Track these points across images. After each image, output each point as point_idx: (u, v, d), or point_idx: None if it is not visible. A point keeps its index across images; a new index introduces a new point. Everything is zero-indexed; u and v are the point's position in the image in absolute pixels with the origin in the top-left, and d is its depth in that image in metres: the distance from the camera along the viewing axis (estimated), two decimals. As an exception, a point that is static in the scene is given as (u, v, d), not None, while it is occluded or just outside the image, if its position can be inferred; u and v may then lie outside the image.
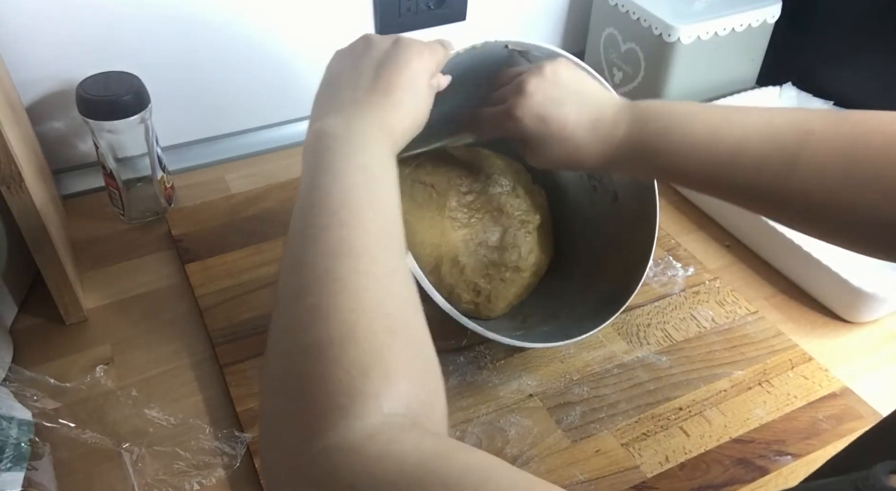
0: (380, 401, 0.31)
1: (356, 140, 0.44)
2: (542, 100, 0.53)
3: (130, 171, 0.75)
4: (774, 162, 0.47)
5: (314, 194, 0.40)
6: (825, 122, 0.46)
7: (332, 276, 0.36)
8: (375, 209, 0.40)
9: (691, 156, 0.50)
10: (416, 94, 0.48)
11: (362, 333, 0.33)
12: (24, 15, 0.72)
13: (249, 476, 0.56)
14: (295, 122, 0.93)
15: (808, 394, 0.64)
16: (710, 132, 0.49)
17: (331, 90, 0.49)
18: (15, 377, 0.60)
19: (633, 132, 0.52)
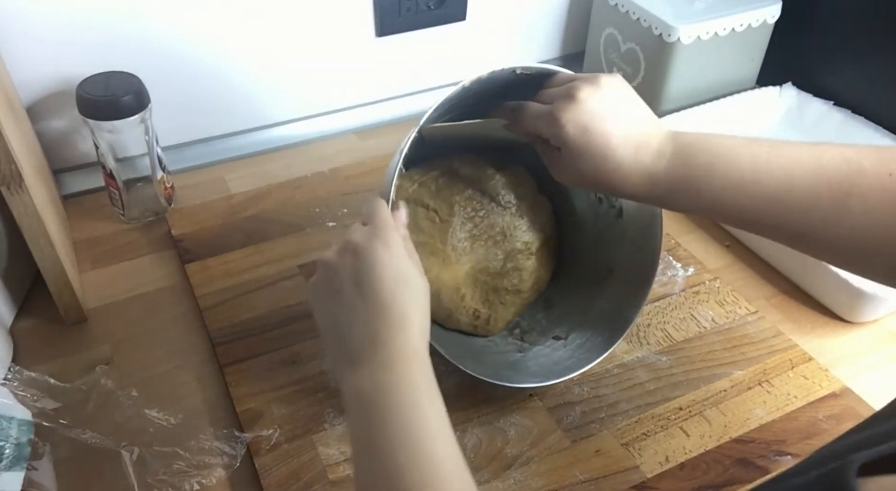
0: None
1: (392, 392, 0.42)
2: (590, 109, 0.50)
3: (130, 171, 0.76)
4: (825, 200, 0.45)
5: (373, 457, 0.40)
6: (875, 159, 0.45)
7: None
8: (436, 439, 0.41)
9: (737, 193, 0.48)
10: (409, 282, 0.46)
11: None
12: (24, 15, 0.72)
13: (249, 476, 0.56)
14: (295, 122, 0.93)
15: (808, 394, 0.64)
16: (758, 168, 0.47)
17: (334, 336, 0.46)
18: (15, 377, 0.60)
19: (677, 165, 0.50)
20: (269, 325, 0.67)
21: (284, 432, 0.58)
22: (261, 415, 0.60)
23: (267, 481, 0.55)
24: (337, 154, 0.90)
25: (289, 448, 0.57)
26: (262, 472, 0.56)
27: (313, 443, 0.58)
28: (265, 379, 0.62)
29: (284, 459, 0.57)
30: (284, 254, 0.75)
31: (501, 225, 0.65)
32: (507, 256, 0.65)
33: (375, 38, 0.91)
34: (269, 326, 0.67)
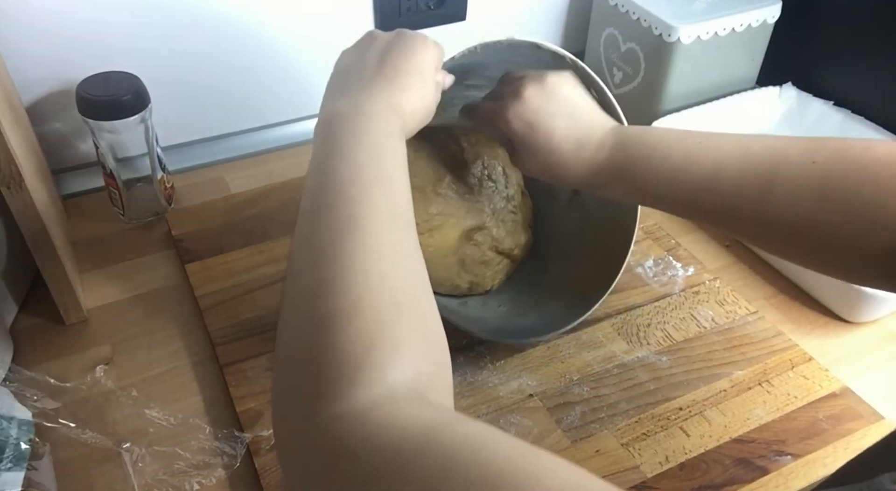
0: (384, 372, 0.32)
1: (364, 120, 0.45)
2: (535, 108, 0.54)
3: (130, 171, 0.75)
4: (750, 188, 0.48)
5: (323, 174, 0.41)
6: (801, 149, 0.47)
7: (339, 251, 0.37)
8: (384, 186, 0.41)
9: (669, 181, 0.51)
10: (423, 81, 0.49)
11: (368, 306, 0.34)
12: (24, 15, 0.72)
13: (249, 476, 0.56)
14: (295, 122, 0.93)
15: (808, 394, 0.64)
16: (688, 157, 0.50)
17: (338, 80, 0.50)
18: (15, 377, 0.60)
19: (615, 157, 0.53)
20: (269, 325, 0.67)
21: (284, 432, 0.58)
22: (261, 415, 0.59)
23: (267, 481, 0.55)
24: (337, 154, 0.90)
25: (289, 448, 0.57)
26: (262, 472, 0.56)
27: (313, 443, 0.58)
28: (265, 379, 0.62)
29: (284, 459, 0.57)
30: (284, 254, 0.75)
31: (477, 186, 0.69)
32: (493, 213, 0.68)
33: (375, 38, 0.91)
34: (269, 326, 0.67)
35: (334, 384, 0.32)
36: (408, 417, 0.30)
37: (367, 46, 0.51)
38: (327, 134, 0.44)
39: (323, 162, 0.42)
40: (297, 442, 0.32)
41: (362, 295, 0.35)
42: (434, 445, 0.28)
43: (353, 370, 0.32)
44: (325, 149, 0.43)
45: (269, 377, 0.62)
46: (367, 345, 0.33)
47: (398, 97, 0.47)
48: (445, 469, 0.27)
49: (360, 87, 0.48)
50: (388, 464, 0.28)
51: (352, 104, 0.46)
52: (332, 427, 0.31)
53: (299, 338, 0.35)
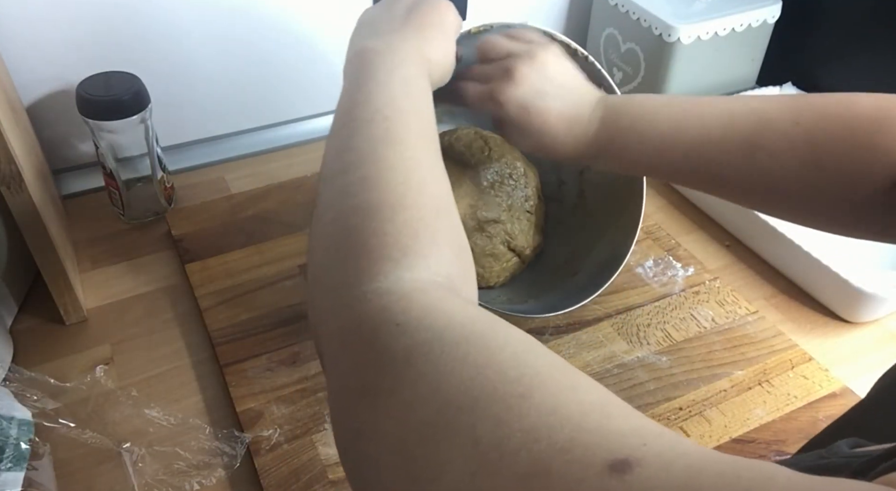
0: (428, 261, 0.34)
1: (397, 56, 0.46)
2: (528, 89, 0.54)
3: (130, 171, 0.75)
4: (737, 150, 0.49)
5: (357, 96, 0.42)
6: (783, 107, 0.48)
7: (379, 156, 0.38)
8: (418, 114, 0.42)
9: (657, 149, 0.52)
10: (446, 37, 0.51)
11: (411, 203, 0.36)
12: (24, 15, 0.72)
13: (249, 476, 0.56)
14: (295, 123, 0.93)
15: (808, 394, 0.64)
16: (673, 125, 0.51)
17: (366, 27, 0.51)
18: (15, 377, 0.60)
19: (604, 129, 0.54)
20: (269, 325, 0.67)
21: (284, 432, 0.58)
22: (261, 415, 0.60)
23: (267, 481, 0.55)
24: (337, 154, 0.90)
25: (289, 448, 0.57)
26: (262, 472, 0.56)
27: (313, 443, 0.58)
28: (265, 379, 0.62)
29: (284, 459, 0.57)
30: (284, 254, 0.75)
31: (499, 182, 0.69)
32: (509, 209, 0.69)
33: (375, 38, 0.91)
34: (269, 325, 0.67)
35: (380, 263, 0.33)
36: (454, 306, 0.31)
37: (393, 2, 0.52)
38: (360, 65, 0.45)
39: (357, 86, 0.43)
40: (337, 311, 0.33)
41: (406, 193, 0.36)
42: (478, 337, 0.29)
43: (399, 253, 0.33)
44: (359, 76, 0.44)
45: (269, 377, 0.62)
46: (412, 234, 0.34)
47: (426, 46, 0.48)
48: (487, 361, 0.27)
49: (390, 31, 0.49)
50: (430, 342, 0.29)
51: (384, 42, 0.47)
52: (377, 299, 0.31)
53: (343, 224, 0.36)
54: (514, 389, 0.26)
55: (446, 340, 0.29)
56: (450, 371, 0.27)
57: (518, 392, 0.26)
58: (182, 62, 0.82)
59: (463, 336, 0.29)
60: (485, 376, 0.27)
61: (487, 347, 0.28)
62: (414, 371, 0.28)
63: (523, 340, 0.30)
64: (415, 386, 0.28)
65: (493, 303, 0.69)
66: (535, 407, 0.25)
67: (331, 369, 0.32)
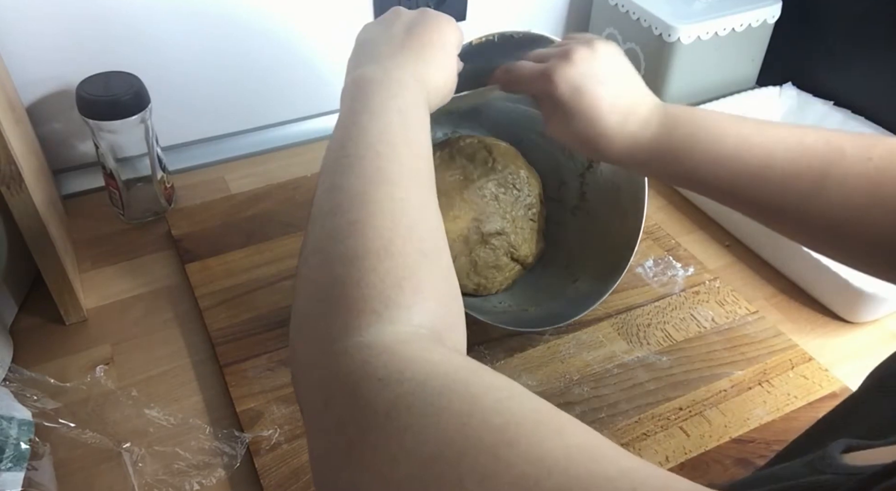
0: (411, 312, 0.33)
1: (393, 86, 0.45)
2: (584, 71, 0.51)
3: (130, 171, 0.75)
4: (803, 179, 0.46)
5: (351, 129, 0.42)
6: (856, 144, 0.46)
7: (368, 198, 0.37)
8: (410, 147, 0.42)
9: (718, 165, 0.49)
10: (446, 56, 0.50)
11: (397, 250, 0.35)
12: (24, 15, 0.72)
13: (249, 476, 0.56)
14: (295, 123, 0.93)
15: (808, 394, 0.64)
16: (741, 143, 0.48)
17: (364, 48, 0.50)
18: (15, 377, 0.60)
19: (662, 134, 0.51)
20: (269, 325, 0.67)
21: (284, 432, 0.58)
22: (261, 415, 0.60)
23: (267, 481, 0.55)
24: (337, 154, 0.90)
25: (289, 448, 0.57)
26: (262, 472, 0.56)
27: (313, 443, 0.58)
28: (265, 379, 0.62)
29: (284, 459, 0.57)
30: (284, 254, 0.75)
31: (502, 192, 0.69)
32: (513, 220, 0.69)
33: (375, 38, 0.91)
34: (269, 326, 0.67)
35: (363, 316, 0.33)
36: (436, 356, 0.31)
37: (392, 20, 0.51)
38: (356, 94, 0.45)
39: (352, 118, 0.43)
40: (319, 365, 0.33)
41: (393, 239, 0.36)
42: (460, 385, 0.29)
43: (381, 306, 0.33)
44: (355, 106, 0.44)
45: (269, 377, 0.62)
46: (396, 285, 0.34)
47: (424, 70, 0.47)
48: (470, 410, 0.27)
49: (388, 55, 0.48)
50: (412, 394, 0.28)
51: (381, 70, 0.46)
52: (359, 354, 0.31)
53: (328, 272, 0.35)
54: (499, 438, 0.26)
55: (428, 391, 0.28)
56: (433, 423, 0.27)
57: (504, 440, 0.26)
58: (182, 62, 0.82)
59: (445, 385, 0.29)
60: (469, 426, 0.26)
61: (471, 394, 0.28)
62: (397, 424, 0.28)
63: (506, 387, 0.29)
64: (399, 439, 0.27)
65: (496, 310, 0.69)
66: (521, 456, 0.25)
67: (313, 426, 0.32)
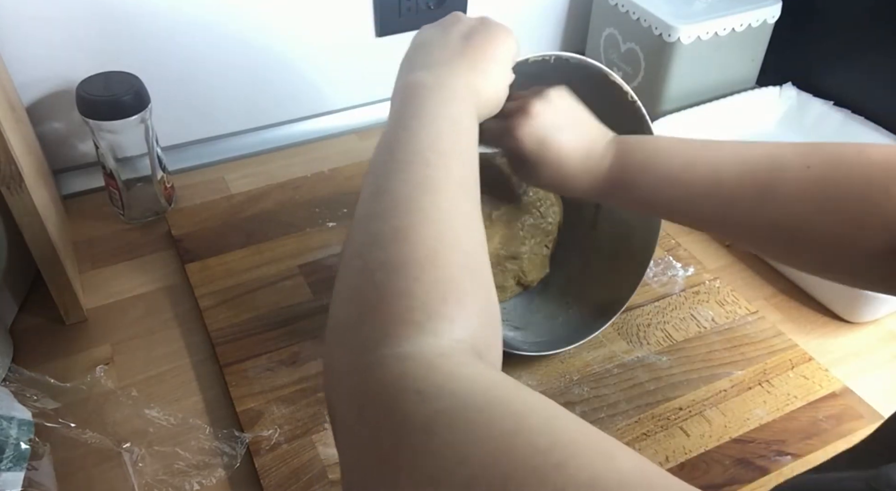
0: (454, 326, 0.33)
1: (446, 93, 0.45)
2: (543, 123, 0.54)
3: (130, 171, 0.76)
4: (748, 193, 0.48)
5: (401, 133, 0.42)
6: (797, 152, 0.48)
7: (415, 205, 0.37)
8: (460, 157, 0.41)
9: (670, 186, 0.51)
10: (501, 70, 0.50)
11: (442, 261, 0.35)
12: (24, 15, 0.72)
13: (249, 476, 0.56)
14: (295, 123, 0.93)
15: (808, 394, 0.64)
16: (686, 164, 0.51)
17: (420, 51, 0.50)
18: (15, 377, 0.60)
19: (616, 166, 0.54)
20: (269, 325, 0.67)
21: (284, 432, 0.58)
22: (261, 415, 0.60)
23: (267, 481, 0.55)
24: (337, 154, 0.90)
25: (289, 448, 0.57)
26: (262, 472, 0.56)
27: (313, 443, 0.58)
28: (265, 379, 0.62)
29: (284, 459, 0.57)
30: (284, 254, 0.75)
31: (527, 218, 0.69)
32: (530, 247, 0.69)
33: (375, 38, 0.91)
34: (269, 326, 0.67)
35: (403, 327, 0.32)
36: (476, 371, 0.30)
37: (450, 25, 0.51)
38: (407, 99, 0.45)
39: (402, 122, 0.43)
40: (354, 374, 0.32)
41: (437, 249, 0.35)
42: (503, 402, 0.28)
43: (424, 317, 0.32)
44: (405, 111, 0.43)
45: (269, 377, 0.62)
46: (440, 297, 0.33)
47: (477, 80, 0.47)
48: (515, 429, 0.26)
49: (443, 61, 0.48)
50: (452, 410, 0.27)
51: (434, 76, 0.46)
52: (397, 364, 0.30)
53: (367, 278, 0.35)
54: (547, 459, 0.25)
55: (470, 407, 0.27)
56: (475, 439, 0.26)
57: (552, 462, 0.24)
58: (182, 62, 0.82)
59: (487, 402, 0.28)
60: (514, 445, 0.25)
61: (514, 412, 0.27)
62: (437, 441, 0.26)
63: (549, 406, 0.28)
64: (438, 458, 0.26)
65: None
66: (572, 478, 0.24)
67: (345, 441, 0.31)
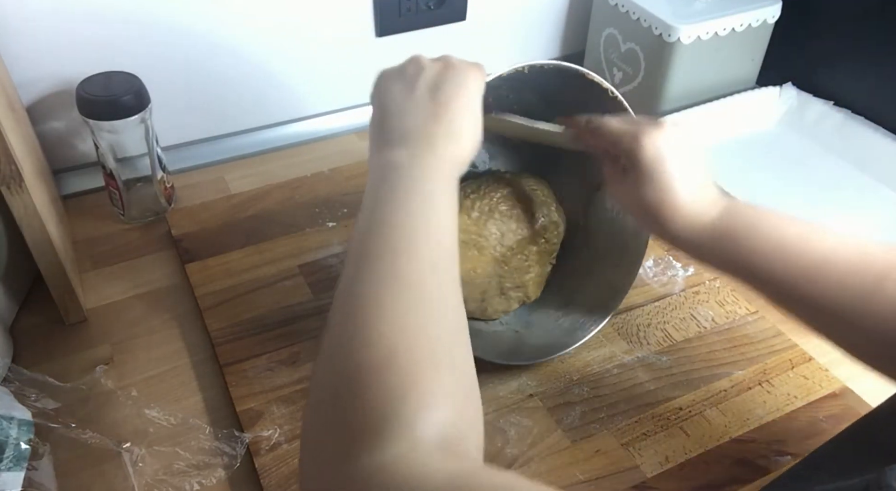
0: (413, 426, 0.33)
1: (419, 172, 0.44)
2: (670, 141, 0.52)
3: (130, 171, 0.76)
4: (862, 281, 0.45)
5: (371, 221, 0.41)
6: None
7: (377, 303, 0.37)
8: (430, 237, 0.41)
9: (778, 254, 0.48)
10: (475, 119, 0.48)
11: (401, 360, 0.34)
12: (24, 15, 0.72)
13: (249, 476, 0.56)
14: (295, 122, 0.93)
15: (808, 394, 0.64)
16: (803, 235, 0.48)
17: (389, 118, 0.48)
18: (15, 377, 0.60)
19: (725, 217, 0.51)
20: (269, 325, 0.67)
21: (284, 432, 0.58)
22: (261, 415, 0.60)
23: (267, 481, 0.55)
24: (337, 154, 0.90)
25: (289, 448, 0.57)
26: (262, 472, 0.56)
27: (313, 443, 0.58)
28: (265, 379, 0.62)
29: (284, 459, 0.57)
30: (284, 254, 0.75)
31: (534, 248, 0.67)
32: (536, 273, 0.68)
33: (375, 38, 0.91)
34: (269, 326, 0.67)
35: (362, 438, 0.32)
36: (433, 467, 0.31)
37: (414, 77, 0.48)
38: (380, 184, 0.44)
39: (373, 208, 0.42)
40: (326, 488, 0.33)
41: (396, 347, 0.35)
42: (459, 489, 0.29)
43: (381, 424, 0.32)
44: (377, 197, 0.43)
45: (269, 377, 0.62)
46: (397, 400, 0.33)
47: (454, 146, 0.46)
48: None
49: (416, 133, 0.46)
50: None
51: (408, 154, 0.45)
52: (360, 478, 0.31)
53: (330, 389, 0.35)
54: None
55: None
56: None
57: None
58: (182, 62, 0.82)
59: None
60: None
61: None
62: None
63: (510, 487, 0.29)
64: None
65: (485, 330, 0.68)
66: None
67: None
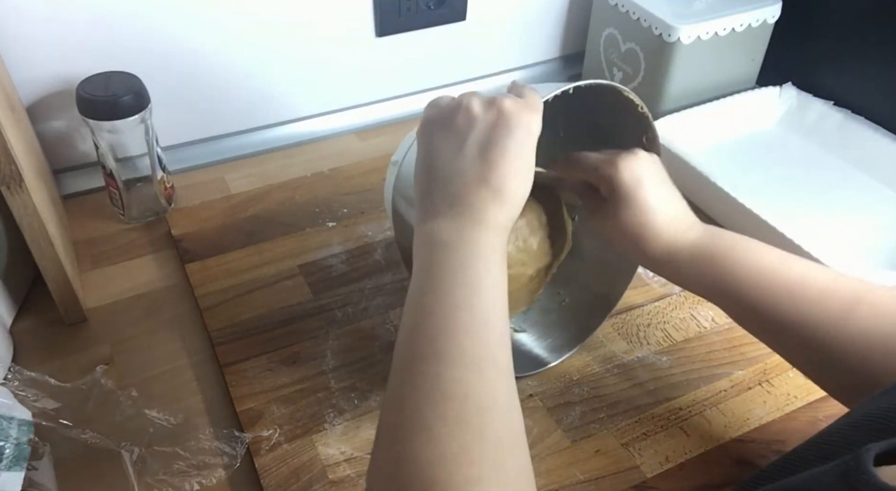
0: None
1: (467, 250, 0.43)
2: (647, 168, 0.53)
3: (130, 171, 0.76)
4: (836, 303, 0.47)
5: (420, 314, 0.41)
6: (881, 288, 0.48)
7: (420, 423, 0.37)
8: (476, 333, 0.40)
9: (756, 275, 0.50)
10: (526, 173, 0.45)
11: (442, 487, 0.34)
12: (24, 15, 0.72)
13: (249, 476, 0.56)
14: (295, 122, 0.93)
15: (808, 394, 0.64)
16: (780, 258, 0.50)
17: (436, 179, 0.46)
18: (15, 377, 0.60)
19: (704, 239, 0.53)
20: (269, 325, 0.67)
21: (284, 432, 0.58)
22: (261, 415, 0.60)
23: (267, 481, 0.55)
24: (337, 154, 0.90)
25: (289, 448, 0.57)
26: (262, 472, 0.56)
27: (313, 443, 0.58)
28: (265, 379, 0.62)
29: (284, 459, 0.57)
30: (284, 254, 0.75)
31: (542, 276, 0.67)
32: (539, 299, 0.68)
33: (375, 38, 0.91)
34: (269, 326, 0.67)
35: None
36: None
37: (464, 132, 0.45)
38: (428, 262, 0.43)
39: (422, 296, 0.42)
40: None
41: (436, 476, 0.35)
42: None
43: None
44: (426, 280, 0.43)
45: (269, 377, 0.62)
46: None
47: (504, 214, 0.44)
48: None
49: (464, 202, 0.44)
50: None
51: (456, 228, 0.43)
52: None
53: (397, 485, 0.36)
54: None
55: None
56: None
57: None
58: (182, 62, 0.82)
59: None
60: None
61: None
62: None
63: None
64: None
65: None
66: None
67: None
